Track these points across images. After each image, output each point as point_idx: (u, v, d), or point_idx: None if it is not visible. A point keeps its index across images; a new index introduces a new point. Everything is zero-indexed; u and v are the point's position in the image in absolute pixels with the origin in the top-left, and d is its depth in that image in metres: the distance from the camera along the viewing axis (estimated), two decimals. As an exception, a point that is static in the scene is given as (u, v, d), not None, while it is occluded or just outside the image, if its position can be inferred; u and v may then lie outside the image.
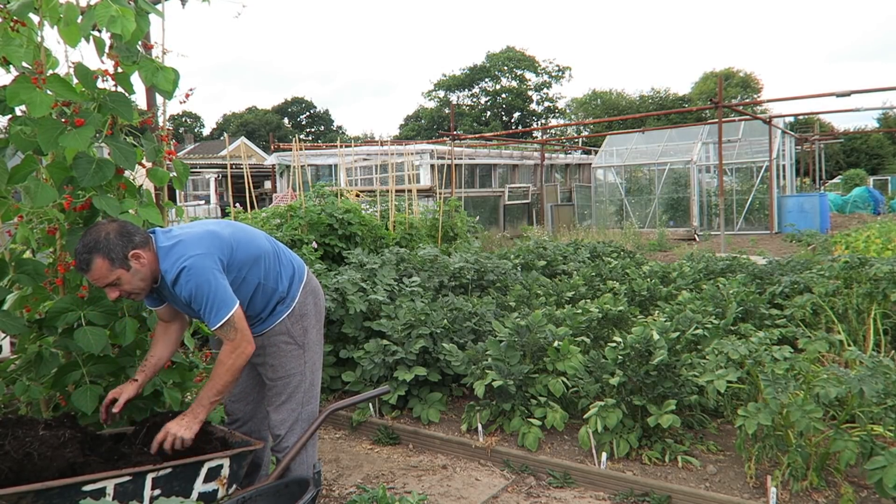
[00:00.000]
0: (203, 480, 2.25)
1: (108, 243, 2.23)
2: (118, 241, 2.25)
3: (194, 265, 2.28)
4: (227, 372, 2.34)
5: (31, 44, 2.58)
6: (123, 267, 2.26)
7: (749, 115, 18.45)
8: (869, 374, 2.83)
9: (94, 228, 2.29)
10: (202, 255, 2.31)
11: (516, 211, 19.91)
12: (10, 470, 2.04)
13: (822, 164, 30.39)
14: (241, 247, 2.48)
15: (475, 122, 48.29)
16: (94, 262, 2.23)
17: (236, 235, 2.51)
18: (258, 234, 2.65)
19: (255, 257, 2.52)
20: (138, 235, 2.32)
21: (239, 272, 2.46)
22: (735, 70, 46.10)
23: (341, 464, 3.65)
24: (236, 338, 2.33)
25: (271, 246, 2.64)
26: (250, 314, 2.55)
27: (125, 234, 2.28)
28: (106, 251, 2.23)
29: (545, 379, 3.79)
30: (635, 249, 11.42)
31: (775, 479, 2.99)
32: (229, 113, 59.77)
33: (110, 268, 2.24)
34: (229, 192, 10.91)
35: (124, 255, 2.25)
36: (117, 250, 2.24)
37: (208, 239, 2.39)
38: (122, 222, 2.34)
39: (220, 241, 2.41)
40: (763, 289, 5.66)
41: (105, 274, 2.25)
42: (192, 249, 2.32)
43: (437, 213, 8.59)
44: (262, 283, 2.53)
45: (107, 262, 2.23)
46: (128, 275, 2.28)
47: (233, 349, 2.33)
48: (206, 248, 2.34)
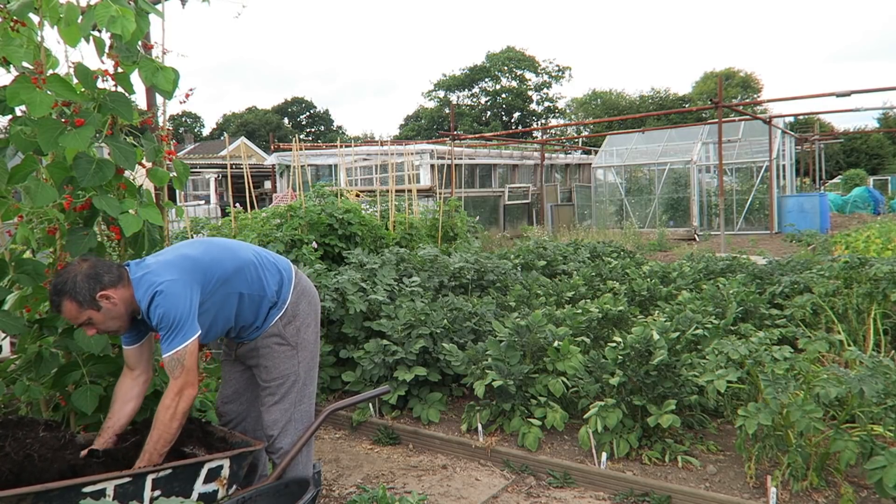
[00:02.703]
0: (203, 481, 2.25)
1: (75, 286, 2.24)
2: (85, 284, 2.25)
3: (166, 290, 2.28)
4: (171, 419, 2.27)
5: (31, 44, 2.58)
6: (93, 308, 2.27)
7: (749, 115, 18.45)
8: (869, 374, 2.83)
9: (65, 270, 2.30)
10: (174, 280, 2.31)
11: (516, 211, 19.91)
12: (10, 471, 2.05)
13: (822, 164, 30.38)
14: (218, 264, 2.46)
15: (475, 122, 48.30)
16: (63, 305, 2.25)
17: (211, 253, 2.49)
18: (236, 245, 2.63)
19: (235, 269, 2.50)
20: (108, 275, 2.29)
21: (222, 287, 2.45)
22: (735, 70, 46.10)
23: (341, 464, 3.65)
24: (180, 377, 2.28)
25: (252, 255, 2.62)
26: (243, 325, 2.56)
27: (93, 277, 2.27)
28: (73, 294, 2.24)
29: (545, 379, 3.79)
30: (635, 249, 11.43)
31: (775, 479, 2.99)
32: (229, 113, 59.85)
33: (79, 309, 2.26)
34: (229, 192, 10.90)
35: (91, 296, 2.25)
36: (84, 293, 2.24)
37: (180, 263, 2.38)
38: (93, 262, 2.32)
39: (192, 264, 2.40)
40: (763, 289, 5.66)
41: (75, 315, 2.27)
42: (164, 275, 2.31)
43: (437, 213, 8.58)
44: (246, 293, 2.52)
45: (75, 305, 2.25)
46: (99, 315, 2.28)
47: (176, 391, 2.28)
48: (178, 273, 2.34)
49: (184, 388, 2.29)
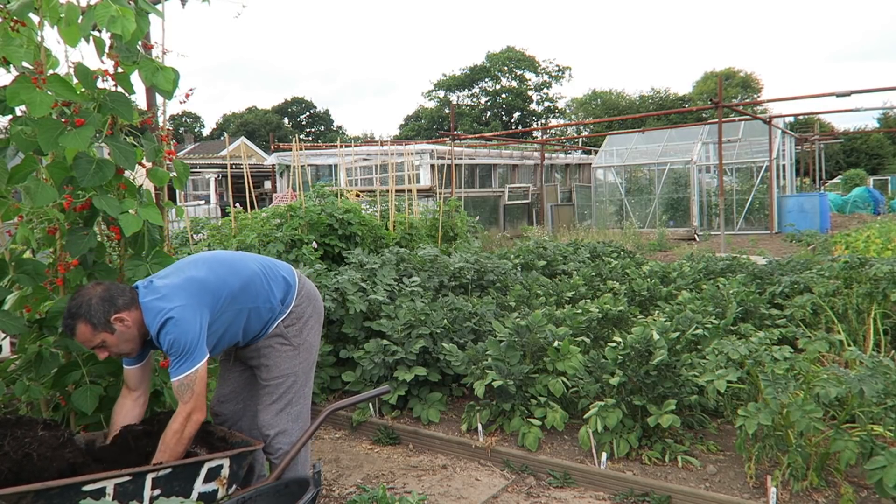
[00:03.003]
0: (203, 480, 2.25)
1: (90, 309, 2.25)
2: (100, 307, 2.26)
3: (178, 316, 2.29)
4: (178, 443, 2.30)
5: (31, 44, 2.58)
6: (107, 331, 2.27)
7: (749, 115, 18.45)
8: (869, 374, 2.83)
9: (80, 293, 2.30)
10: (184, 306, 2.32)
11: (516, 211, 19.90)
12: (9, 470, 2.05)
13: (822, 164, 30.38)
14: (224, 284, 2.47)
15: (475, 122, 48.30)
16: (78, 328, 2.26)
17: (216, 272, 2.49)
18: (239, 259, 2.63)
19: (241, 286, 2.51)
20: (122, 298, 2.31)
21: (230, 306, 2.46)
22: (735, 70, 46.09)
23: (341, 464, 3.65)
24: (190, 401, 2.30)
25: (257, 266, 2.62)
26: (249, 334, 2.58)
27: (107, 300, 2.28)
28: (87, 317, 2.25)
29: (545, 379, 3.79)
30: (635, 249, 11.43)
31: (775, 479, 2.99)
32: (229, 113, 59.83)
33: (93, 332, 2.26)
34: (229, 192, 10.90)
35: (106, 319, 2.26)
36: (98, 316, 2.25)
37: (188, 287, 2.38)
38: (107, 285, 2.33)
39: (200, 286, 2.40)
40: (763, 289, 5.66)
41: (89, 338, 2.28)
42: (175, 301, 2.32)
43: (437, 213, 8.58)
44: (253, 306, 2.54)
45: (89, 328, 2.25)
46: (112, 337, 2.29)
47: (185, 416, 2.30)
48: (187, 299, 2.34)
49: (192, 413, 2.31)
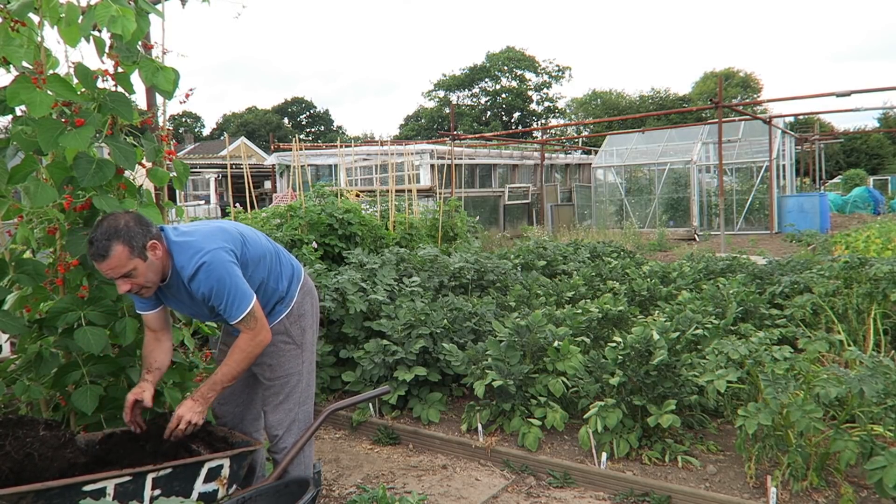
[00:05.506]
0: (203, 480, 2.25)
1: (129, 231, 2.19)
2: (138, 230, 2.21)
3: (213, 259, 2.28)
4: (244, 359, 2.38)
5: (31, 44, 2.58)
6: (141, 256, 2.21)
7: (749, 115, 18.45)
8: (869, 374, 2.83)
9: (111, 217, 2.23)
10: (219, 249, 2.31)
11: (516, 211, 19.90)
12: (10, 470, 2.05)
13: (822, 164, 30.38)
14: (249, 245, 2.50)
15: (475, 122, 48.27)
16: (114, 249, 2.15)
17: (243, 233, 2.53)
18: (260, 234, 2.67)
19: (259, 256, 2.54)
20: (154, 227, 2.30)
21: (245, 269, 2.46)
22: (735, 70, 46.10)
23: (341, 464, 3.65)
24: (256, 327, 2.37)
25: (272, 246, 2.66)
26: None
27: (144, 224, 2.25)
28: (127, 238, 2.17)
29: (545, 379, 3.79)
30: (635, 249, 11.42)
31: (775, 479, 2.99)
32: (229, 113, 59.82)
33: (129, 256, 2.18)
34: (229, 192, 10.91)
35: (143, 244, 2.22)
36: (138, 238, 2.20)
37: (220, 234, 2.41)
38: (136, 213, 2.31)
39: (231, 237, 2.43)
40: (763, 289, 5.66)
41: (123, 262, 2.18)
42: (209, 244, 2.31)
43: (437, 213, 8.58)
44: (265, 281, 2.55)
45: (127, 250, 2.17)
46: (144, 265, 2.23)
47: (252, 337, 2.37)
48: (221, 243, 2.35)
49: (258, 335, 2.38)
